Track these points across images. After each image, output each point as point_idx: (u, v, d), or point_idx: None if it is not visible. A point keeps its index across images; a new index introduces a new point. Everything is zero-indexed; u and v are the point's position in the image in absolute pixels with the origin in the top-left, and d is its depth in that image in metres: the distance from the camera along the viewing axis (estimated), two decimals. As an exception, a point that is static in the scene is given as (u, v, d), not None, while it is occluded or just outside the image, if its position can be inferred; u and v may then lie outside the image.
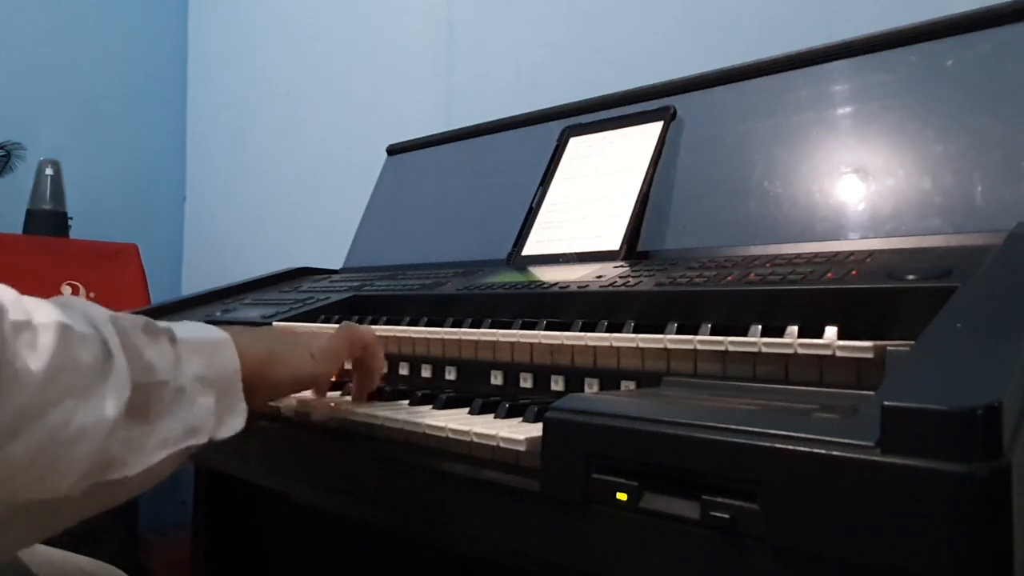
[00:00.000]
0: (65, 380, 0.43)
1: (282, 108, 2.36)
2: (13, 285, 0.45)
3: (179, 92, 2.82)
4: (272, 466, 0.79)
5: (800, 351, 0.57)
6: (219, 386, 0.54)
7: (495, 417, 0.64)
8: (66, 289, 2.14)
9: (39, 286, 2.03)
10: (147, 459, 0.48)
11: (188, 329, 0.55)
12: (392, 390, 0.75)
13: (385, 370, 0.75)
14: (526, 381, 0.77)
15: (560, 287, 0.86)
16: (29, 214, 2.26)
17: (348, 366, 0.75)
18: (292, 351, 0.64)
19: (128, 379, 0.47)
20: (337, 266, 1.45)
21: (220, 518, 1.30)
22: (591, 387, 0.71)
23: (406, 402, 0.73)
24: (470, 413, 0.66)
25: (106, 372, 0.46)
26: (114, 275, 2.23)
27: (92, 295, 2.18)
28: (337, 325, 0.97)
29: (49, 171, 2.28)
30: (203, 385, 0.53)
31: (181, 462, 0.52)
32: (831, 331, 0.59)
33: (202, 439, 0.52)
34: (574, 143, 1.14)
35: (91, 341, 0.46)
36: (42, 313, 0.44)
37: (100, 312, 0.48)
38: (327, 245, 1.67)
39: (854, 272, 0.67)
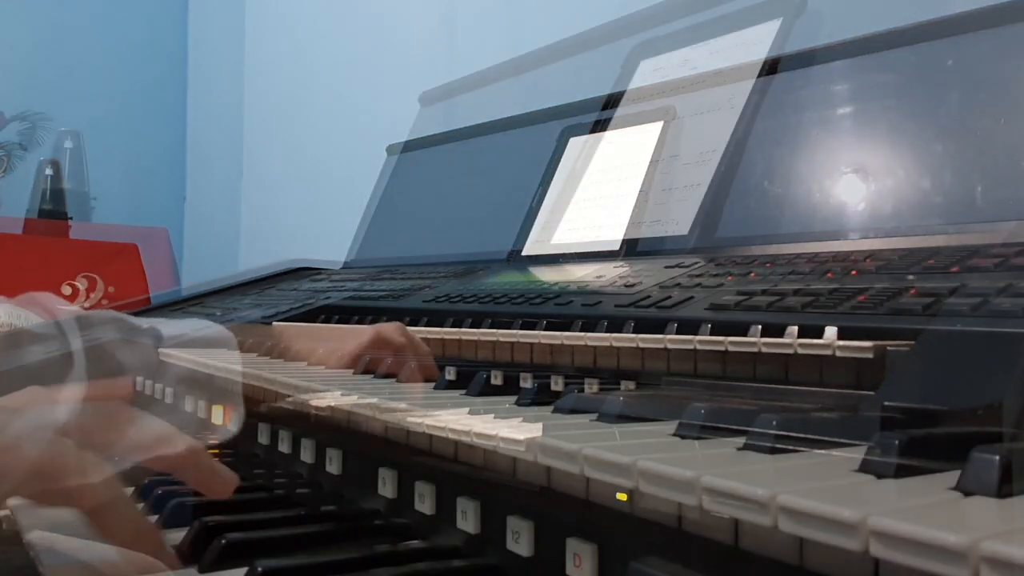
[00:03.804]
0: None
1: (282, 108, 2.36)
2: (14, 284, 0.45)
3: (179, 93, 2.82)
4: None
5: (800, 351, 0.57)
6: None
7: (495, 417, 0.63)
8: (66, 289, 2.14)
9: (40, 286, 2.04)
10: None
11: None
12: (392, 390, 0.75)
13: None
14: (526, 381, 0.77)
15: (560, 287, 0.86)
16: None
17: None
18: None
19: None
20: (337, 266, 1.45)
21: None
22: (591, 387, 0.71)
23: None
24: (470, 413, 0.66)
25: None
26: (114, 275, 2.23)
27: (92, 295, 2.17)
28: (337, 325, 0.97)
29: (49, 171, 2.29)
30: None
31: None
32: (831, 331, 0.59)
33: None
34: (574, 143, 1.14)
35: None
36: None
37: None
38: (327, 244, 1.67)
39: (854, 272, 0.67)
